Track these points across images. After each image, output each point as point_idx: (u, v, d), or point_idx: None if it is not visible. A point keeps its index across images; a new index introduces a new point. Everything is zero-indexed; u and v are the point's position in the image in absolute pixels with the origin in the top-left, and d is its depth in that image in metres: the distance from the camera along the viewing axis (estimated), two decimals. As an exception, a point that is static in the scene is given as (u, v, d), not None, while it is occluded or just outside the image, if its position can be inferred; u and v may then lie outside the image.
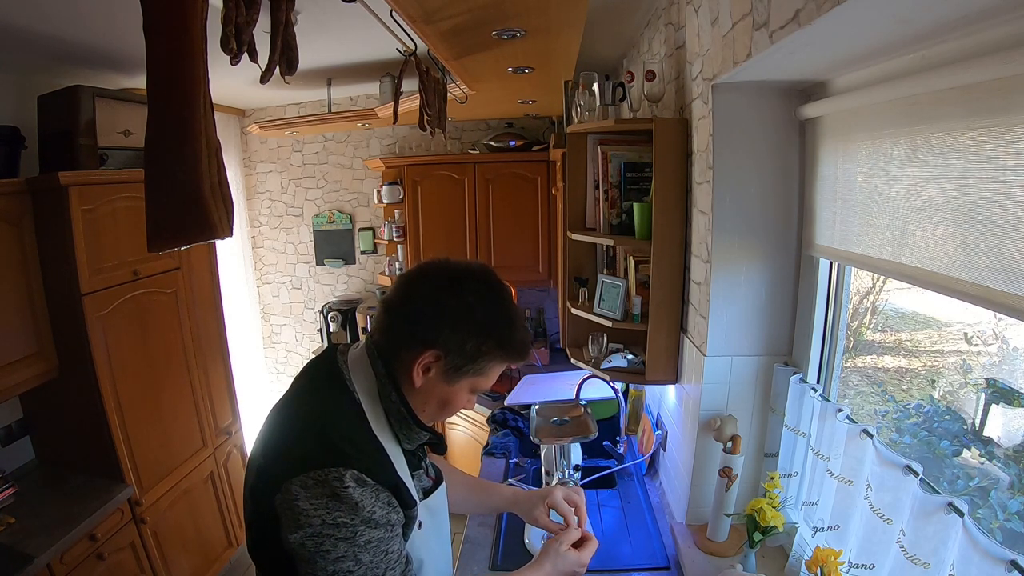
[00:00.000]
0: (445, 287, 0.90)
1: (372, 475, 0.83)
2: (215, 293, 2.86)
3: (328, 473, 0.80)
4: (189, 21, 0.83)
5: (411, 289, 0.92)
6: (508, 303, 0.94)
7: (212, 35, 0.85)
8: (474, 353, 0.89)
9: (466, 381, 0.92)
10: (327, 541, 0.78)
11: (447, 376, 0.91)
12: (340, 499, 0.79)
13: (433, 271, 0.94)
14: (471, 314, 0.89)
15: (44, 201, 2.01)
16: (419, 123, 2.21)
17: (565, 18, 1.61)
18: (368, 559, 0.80)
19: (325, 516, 0.78)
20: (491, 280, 0.94)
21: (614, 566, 1.57)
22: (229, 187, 0.93)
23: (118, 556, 2.11)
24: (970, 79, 0.81)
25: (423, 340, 0.88)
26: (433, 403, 0.94)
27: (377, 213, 3.94)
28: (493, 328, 0.90)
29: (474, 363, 0.90)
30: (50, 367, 2.09)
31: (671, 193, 1.62)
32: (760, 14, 1.03)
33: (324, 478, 0.79)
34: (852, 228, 1.18)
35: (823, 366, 1.41)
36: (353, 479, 0.80)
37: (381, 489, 0.84)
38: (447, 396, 0.93)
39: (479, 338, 0.89)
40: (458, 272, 0.93)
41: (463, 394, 0.94)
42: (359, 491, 0.80)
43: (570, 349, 2.17)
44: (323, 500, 0.79)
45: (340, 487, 0.79)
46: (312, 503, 0.79)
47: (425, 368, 0.89)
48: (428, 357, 0.88)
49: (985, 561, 0.76)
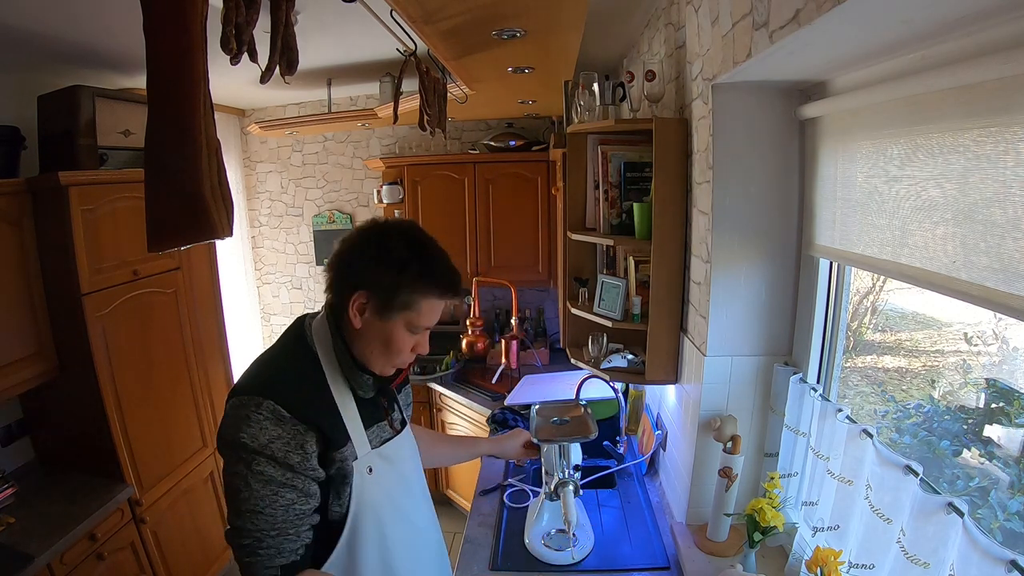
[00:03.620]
0: (369, 237, 1.01)
1: (294, 410, 0.92)
2: (215, 293, 2.86)
3: (250, 400, 0.91)
4: (189, 21, 0.82)
5: (343, 244, 1.03)
6: (428, 244, 1.02)
7: (212, 35, 0.85)
8: (395, 285, 0.97)
9: (399, 317, 1.00)
10: (231, 455, 0.91)
11: (380, 313, 0.99)
12: (249, 423, 0.90)
13: (362, 227, 1.05)
14: (390, 253, 0.98)
15: (44, 201, 2.02)
16: (419, 123, 2.21)
17: (565, 18, 1.61)
18: (257, 488, 0.89)
19: (233, 434, 0.90)
20: (411, 228, 1.04)
21: (614, 566, 1.57)
22: (229, 187, 0.93)
23: (118, 556, 2.11)
24: (970, 79, 0.81)
25: (352, 283, 0.99)
26: (377, 344, 1.02)
27: (377, 213, 3.93)
28: (411, 261, 0.98)
29: (398, 295, 0.98)
30: (50, 367, 2.09)
31: (671, 193, 1.62)
32: (760, 14, 1.03)
33: (246, 403, 0.91)
34: (852, 228, 1.18)
35: (823, 366, 1.41)
36: (268, 410, 0.91)
37: (300, 427, 0.92)
38: (386, 334, 1.01)
39: (398, 271, 0.98)
40: (383, 224, 1.04)
41: (400, 331, 1.01)
42: (269, 422, 0.90)
43: (570, 349, 2.17)
44: (236, 421, 0.91)
45: (253, 412, 0.90)
46: (227, 421, 0.92)
47: (359, 309, 0.99)
48: (359, 297, 0.98)
49: (985, 561, 0.76)
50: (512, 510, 1.86)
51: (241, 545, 0.91)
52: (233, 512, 0.91)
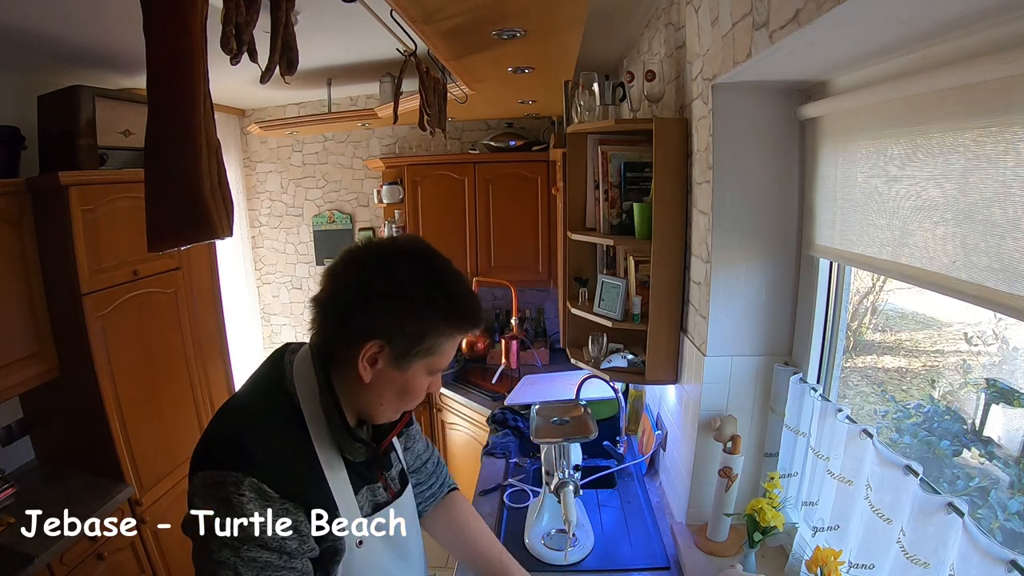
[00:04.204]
0: (373, 269, 0.82)
1: (279, 487, 0.77)
2: (215, 293, 2.85)
3: (227, 476, 0.75)
4: (189, 21, 0.83)
5: (338, 280, 0.85)
6: (445, 272, 0.85)
7: (212, 35, 0.85)
8: (418, 334, 0.82)
9: (419, 364, 0.85)
10: (212, 542, 0.75)
11: (397, 363, 0.83)
12: (230, 506, 0.74)
13: (357, 256, 0.86)
14: (405, 292, 0.81)
15: (44, 201, 2.01)
16: (419, 123, 2.21)
17: (565, 18, 1.61)
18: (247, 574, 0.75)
19: (211, 521, 0.75)
20: (422, 252, 0.86)
21: (614, 566, 1.57)
22: (229, 187, 0.93)
23: (118, 556, 2.11)
24: (970, 79, 0.81)
25: (361, 332, 0.81)
26: (390, 395, 0.87)
27: (377, 213, 3.94)
28: (432, 303, 0.82)
29: (421, 343, 0.83)
30: (50, 367, 2.08)
31: (671, 193, 1.62)
32: (760, 14, 1.03)
33: (222, 480, 0.75)
34: (852, 228, 1.18)
35: (823, 366, 1.41)
36: (252, 488, 0.75)
37: (288, 508, 0.78)
38: (404, 384, 0.86)
39: (420, 316, 0.82)
40: (384, 251, 0.85)
41: (420, 378, 0.87)
42: (254, 503, 0.75)
43: (570, 349, 2.17)
44: (214, 503, 0.75)
45: (234, 493, 0.74)
46: (204, 501, 0.76)
47: (371, 360, 0.83)
48: (371, 348, 0.81)
49: (985, 561, 0.76)
50: (512, 510, 1.86)
51: None
52: None
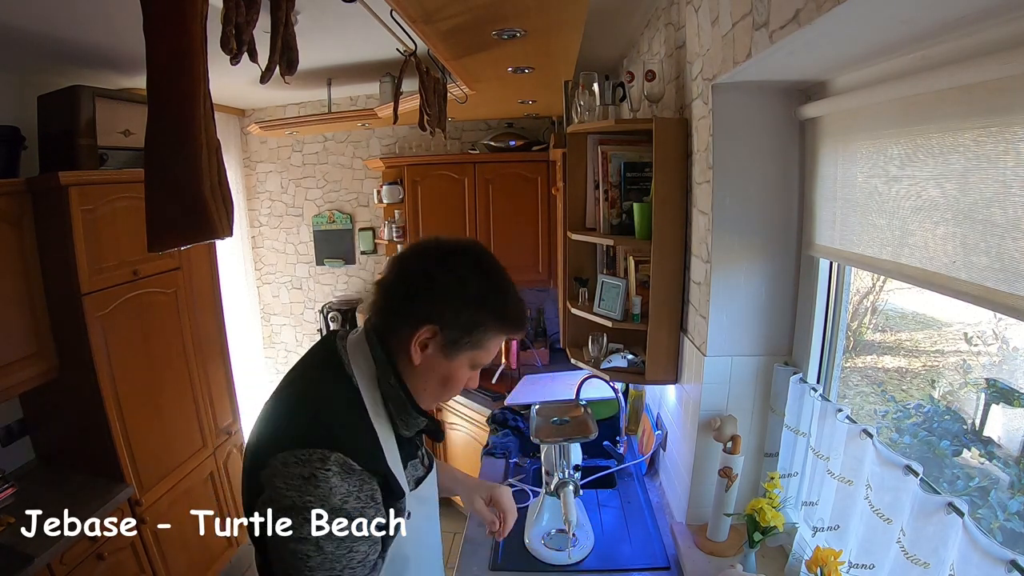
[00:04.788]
0: (437, 263, 0.90)
1: (361, 461, 0.82)
2: (215, 293, 2.85)
3: (313, 453, 0.78)
4: (189, 21, 0.83)
5: (404, 267, 0.92)
6: (501, 275, 0.93)
7: (212, 35, 0.85)
8: (470, 325, 0.89)
9: (465, 356, 0.92)
10: (293, 518, 0.77)
11: (445, 351, 0.90)
12: (316, 481, 0.77)
13: (425, 248, 0.93)
14: (464, 287, 0.88)
15: (44, 201, 2.01)
16: (419, 123, 2.21)
17: (565, 18, 1.61)
18: (330, 550, 0.78)
19: (296, 497, 0.77)
20: (482, 254, 0.94)
21: (614, 566, 1.57)
22: (229, 187, 0.93)
23: (118, 556, 2.11)
24: (970, 79, 0.81)
25: (418, 316, 0.88)
26: (434, 382, 0.93)
27: (377, 213, 3.94)
28: (487, 299, 0.90)
29: (470, 335, 0.89)
30: (50, 367, 2.08)
31: (671, 193, 1.62)
32: (760, 14, 1.03)
33: (308, 458, 0.78)
34: (852, 228, 1.18)
35: (823, 366, 1.41)
36: (338, 463, 0.79)
37: (367, 479, 0.82)
38: (448, 372, 0.92)
39: (473, 309, 0.89)
40: (450, 248, 0.92)
41: (463, 370, 0.93)
42: (339, 477, 0.79)
43: (570, 349, 2.17)
44: (299, 481, 0.77)
45: (321, 468, 0.78)
46: (287, 482, 0.78)
47: (422, 344, 0.89)
48: (424, 333, 0.88)
49: (985, 561, 0.76)
50: (512, 510, 1.86)
51: None
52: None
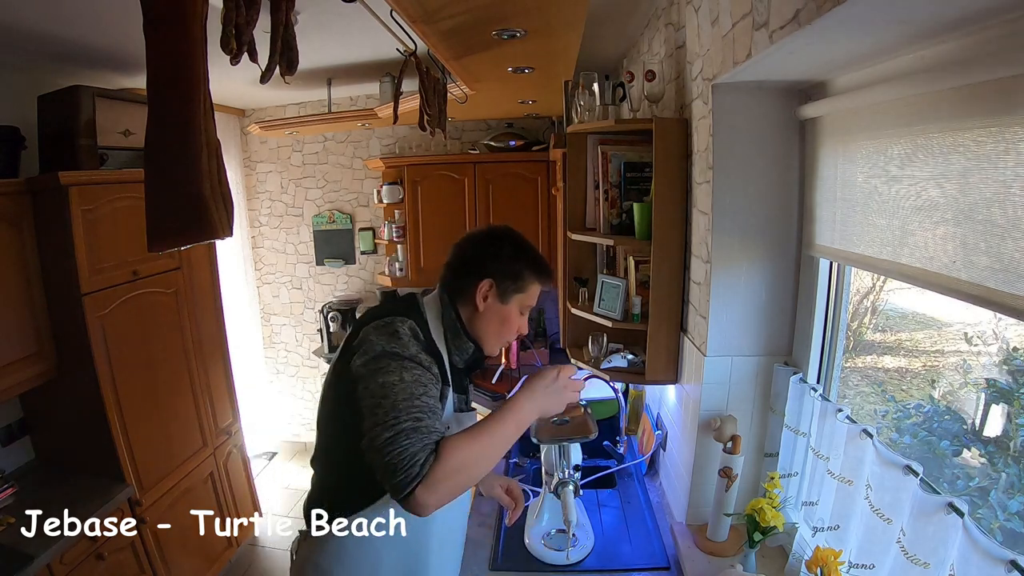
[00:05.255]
0: (486, 239, 1.26)
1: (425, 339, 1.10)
2: (215, 293, 2.85)
3: (394, 320, 1.08)
4: (189, 21, 0.82)
5: (463, 246, 1.26)
6: (528, 243, 1.27)
7: (212, 35, 0.85)
8: (514, 275, 1.20)
9: (515, 300, 1.21)
10: (382, 359, 1.02)
11: (501, 297, 1.20)
12: (398, 336, 1.05)
13: (474, 234, 1.29)
14: (506, 250, 1.22)
15: (44, 201, 2.01)
16: (419, 123, 2.21)
17: (565, 18, 1.61)
18: (410, 379, 1.01)
19: (385, 344, 1.04)
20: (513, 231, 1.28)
21: (614, 566, 1.57)
22: (229, 187, 0.93)
23: (118, 556, 2.11)
24: (970, 79, 0.81)
25: (478, 273, 1.19)
26: (496, 323, 1.22)
27: (377, 213, 3.94)
28: (523, 255, 1.23)
29: (515, 282, 1.20)
30: (50, 367, 2.08)
31: (671, 193, 1.62)
32: (760, 14, 1.03)
33: (391, 322, 1.07)
34: (852, 228, 1.18)
35: (823, 366, 1.41)
36: (410, 329, 1.07)
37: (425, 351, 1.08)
38: (504, 314, 1.22)
39: (515, 262, 1.21)
40: (492, 230, 1.29)
41: (515, 312, 1.23)
42: (411, 337, 1.06)
43: (570, 349, 2.17)
44: (385, 335, 1.05)
45: (400, 328, 1.06)
46: (377, 335, 1.05)
47: (484, 295, 1.19)
48: (485, 285, 1.18)
49: (985, 561, 0.76)
50: (512, 510, 1.85)
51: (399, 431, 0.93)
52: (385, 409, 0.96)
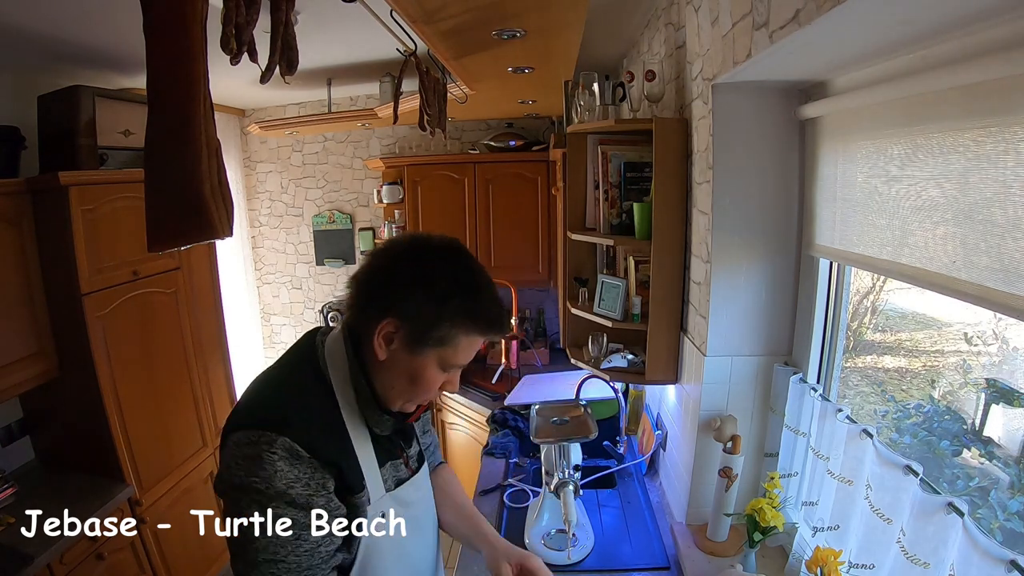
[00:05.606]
0: (405, 255, 0.89)
1: (312, 448, 0.81)
2: (215, 293, 2.85)
3: (261, 436, 0.79)
4: (189, 21, 0.83)
5: (373, 260, 0.91)
6: (474, 270, 0.89)
7: (212, 35, 0.85)
8: (432, 319, 0.85)
9: (432, 353, 0.87)
10: (240, 494, 0.79)
11: (410, 347, 0.86)
12: (262, 463, 0.78)
13: (396, 242, 0.93)
14: (429, 278, 0.85)
15: (44, 201, 2.01)
16: (419, 123, 2.21)
17: (565, 18, 1.61)
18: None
19: (244, 477, 0.79)
20: (456, 250, 0.91)
21: (614, 566, 1.57)
22: (229, 187, 0.93)
23: (118, 556, 2.11)
24: (970, 79, 0.81)
25: (380, 307, 0.86)
26: (402, 379, 0.90)
27: (377, 213, 3.94)
28: (454, 293, 0.85)
29: (435, 329, 0.85)
30: (50, 367, 2.08)
31: (671, 193, 1.62)
32: (760, 14, 1.03)
33: (256, 439, 0.79)
34: (852, 228, 1.18)
35: (823, 366, 1.41)
36: (284, 448, 0.79)
37: (317, 467, 0.82)
38: (414, 370, 0.88)
39: (437, 302, 0.84)
40: (421, 241, 0.91)
41: (432, 369, 0.89)
42: (285, 462, 0.79)
43: (570, 349, 2.17)
44: (246, 461, 0.79)
45: (267, 451, 0.78)
46: (236, 461, 0.80)
47: (386, 338, 0.86)
48: (387, 326, 0.85)
49: (985, 561, 0.76)
50: (512, 510, 1.86)
51: None
52: (244, 563, 0.80)
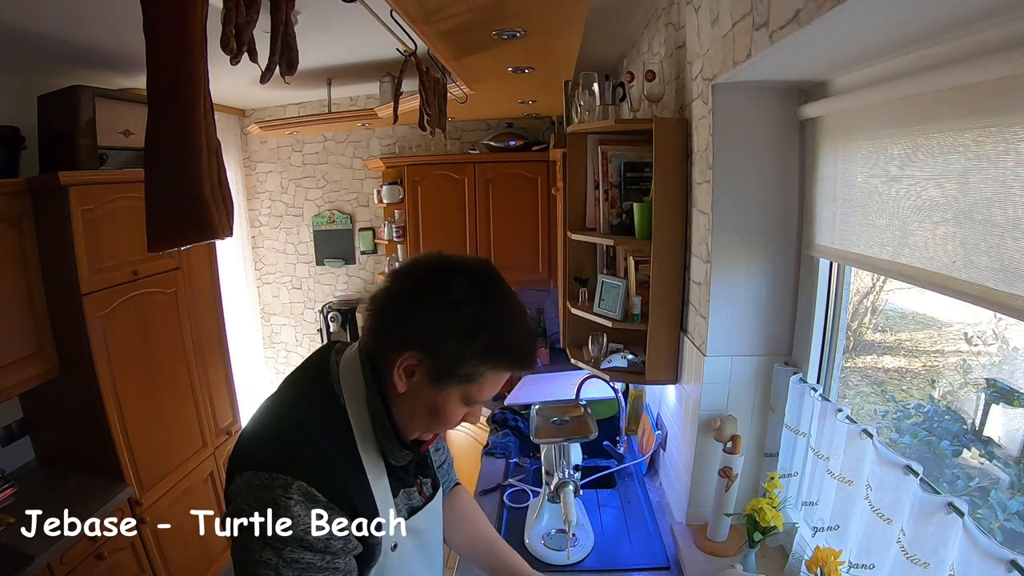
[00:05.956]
0: (431, 282, 0.81)
1: (328, 492, 0.77)
2: (215, 293, 2.85)
3: (275, 479, 0.75)
4: (189, 21, 0.83)
5: (397, 284, 0.85)
6: (504, 301, 0.83)
7: (212, 35, 0.85)
8: (458, 356, 0.79)
9: (455, 389, 0.82)
10: (253, 544, 0.75)
11: (433, 381, 0.81)
12: (277, 508, 0.75)
13: (421, 264, 0.85)
14: (455, 311, 0.79)
15: (44, 201, 2.01)
16: (419, 123, 2.21)
17: (565, 18, 1.61)
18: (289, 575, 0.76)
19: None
20: (485, 275, 0.84)
21: (614, 566, 1.57)
22: (229, 187, 0.93)
23: (118, 556, 2.11)
24: (970, 79, 0.81)
25: (403, 340, 0.80)
26: (421, 412, 0.85)
27: (377, 213, 3.94)
28: (480, 328, 0.79)
29: (459, 367, 0.80)
30: (50, 367, 2.08)
31: (671, 193, 1.62)
32: (760, 14, 1.03)
33: (270, 483, 0.75)
34: (852, 228, 1.18)
35: (823, 366, 1.41)
36: (300, 492, 0.75)
37: (335, 511, 0.78)
38: (436, 405, 0.84)
39: (463, 340, 0.79)
40: (448, 265, 0.83)
41: (454, 404, 0.84)
42: (301, 507, 0.75)
43: (570, 349, 2.17)
44: (260, 504, 0.75)
45: (281, 496, 0.75)
46: (248, 503, 0.76)
47: (408, 371, 0.81)
48: (409, 359, 0.80)
49: (985, 561, 0.76)
50: (512, 510, 1.86)
51: None
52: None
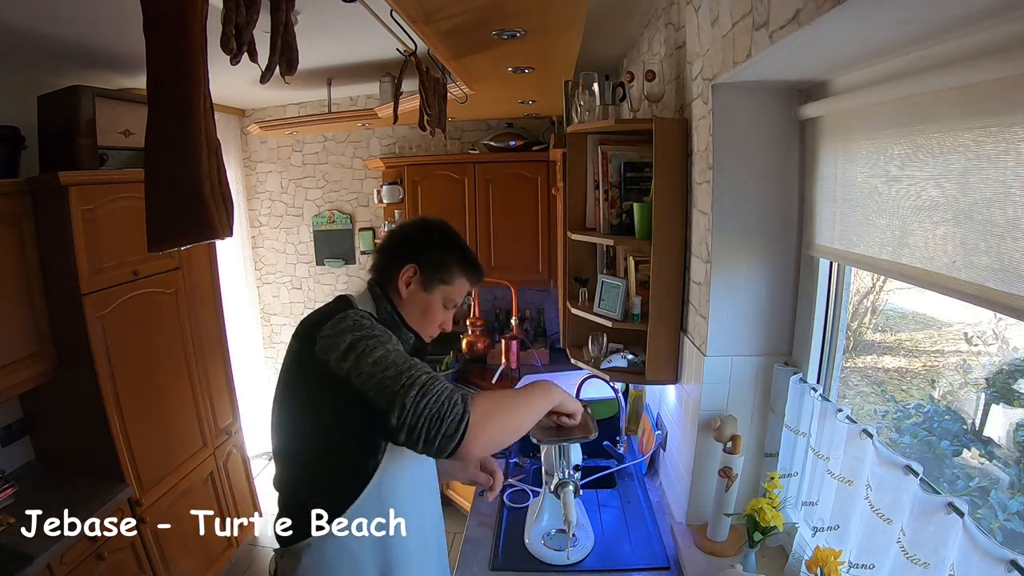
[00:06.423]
0: (417, 228, 1.26)
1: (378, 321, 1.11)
2: (215, 293, 2.85)
3: (346, 313, 1.06)
4: (189, 21, 0.82)
5: (393, 234, 1.27)
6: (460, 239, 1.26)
7: (212, 35, 0.85)
8: (440, 264, 1.18)
9: (438, 291, 1.19)
10: (360, 343, 1.01)
11: (425, 285, 1.18)
12: (360, 321, 1.05)
13: (406, 222, 1.33)
14: (434, 238, 1.22)
15: (44, 201, 2.01)
16: (419, 123, 2.21)
17: (565, 18, 1.61)
18: (394, 349, 1.02)
19: (353, 333, 1.02)
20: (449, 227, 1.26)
21: (614, 566, 1.57)
22: (229, 187, 0.93)
23: (118, 556, 2.11)
24: (970, 79, 0.81)
25: (402, 257, 1.18)
26: (417, 312, 1.20)
27: (377, 213, 3.94)
28: (452, 247, 1.21)
29: (441, 272, 1.18)
30: (50, 367, 2.08)
31: (671, 193, 1.62)
32: (760, 14, 1.03)
33: (344, 316, 1.05)
34: (852, 228, 1.18)
35: (823, 366, 1.41)
36: (363, 315, 1.08)
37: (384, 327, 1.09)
38: (426, 304, 1.20)
39: (442, 251, 1.20)
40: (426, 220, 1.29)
41: (437, 303, 1.20)
42: (368, 319, 1.07)
43: (570, 349, 2.17)
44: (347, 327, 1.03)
45: (354, 315, 1.06)
46: (339, 330, 1.03)
47: (407, 280, 1.17)
48: (408, 270, 1.17)
49: (985, 561, 0.76)
50: (512, 510, 1.86)
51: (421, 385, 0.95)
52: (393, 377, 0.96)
